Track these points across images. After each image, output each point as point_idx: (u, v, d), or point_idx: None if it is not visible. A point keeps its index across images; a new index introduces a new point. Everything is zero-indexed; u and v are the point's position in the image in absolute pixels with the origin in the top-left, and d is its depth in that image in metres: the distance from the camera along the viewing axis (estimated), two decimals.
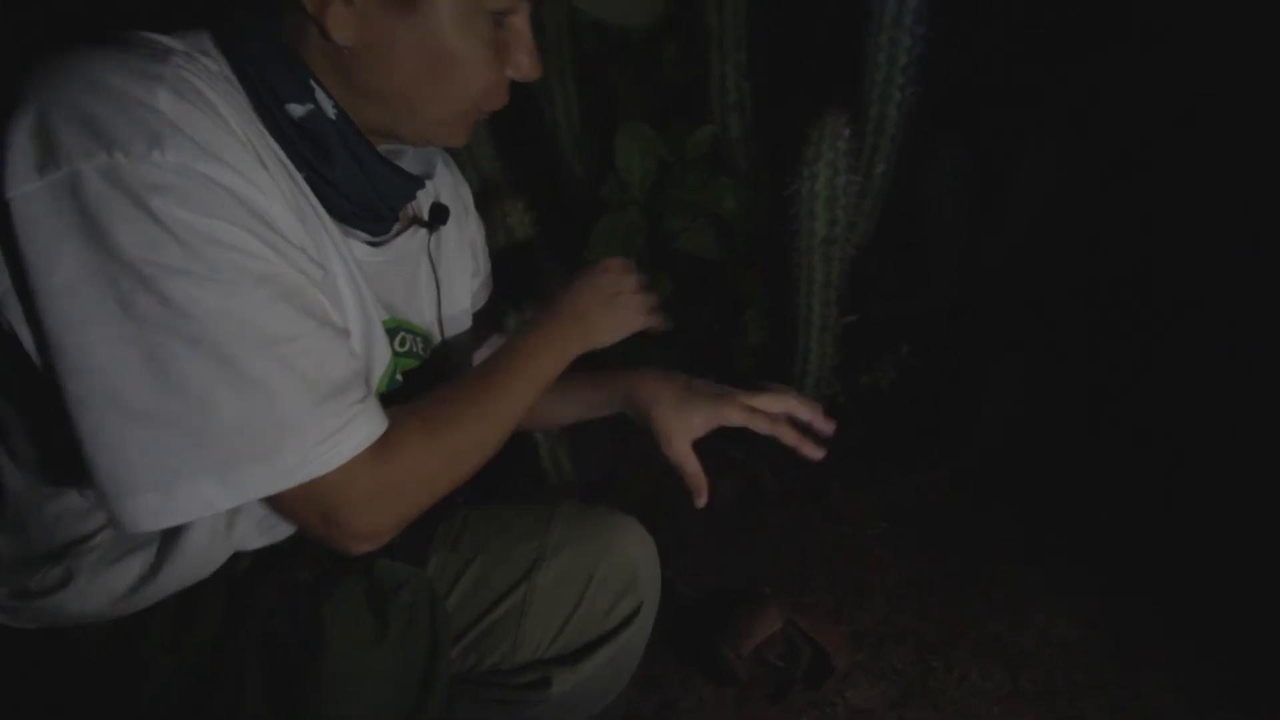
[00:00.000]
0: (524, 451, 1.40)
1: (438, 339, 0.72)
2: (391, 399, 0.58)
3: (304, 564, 0.59)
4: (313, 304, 0.51)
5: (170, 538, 0.56)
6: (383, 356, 0.63)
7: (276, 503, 0.51)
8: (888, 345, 1.49)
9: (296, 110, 0.53)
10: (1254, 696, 1.06)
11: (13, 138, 0.44)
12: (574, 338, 0.69)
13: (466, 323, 0.77)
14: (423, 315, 0.70)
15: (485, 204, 1.16)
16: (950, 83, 1.35)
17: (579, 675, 0.69)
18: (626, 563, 0.72)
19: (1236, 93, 1.49)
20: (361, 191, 0.57)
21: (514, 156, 1.39)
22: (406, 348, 0.67)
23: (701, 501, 0.72)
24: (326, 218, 0.57)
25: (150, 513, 0.46)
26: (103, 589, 0.55)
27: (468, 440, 0.58)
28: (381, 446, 0.53)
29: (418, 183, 0.63)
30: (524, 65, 0.57)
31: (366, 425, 0.51)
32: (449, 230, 0.72)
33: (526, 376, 0.64)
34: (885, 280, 1.51)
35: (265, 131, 0.53)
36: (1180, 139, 1.60)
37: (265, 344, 0.47)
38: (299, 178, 0.55)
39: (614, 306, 0.73)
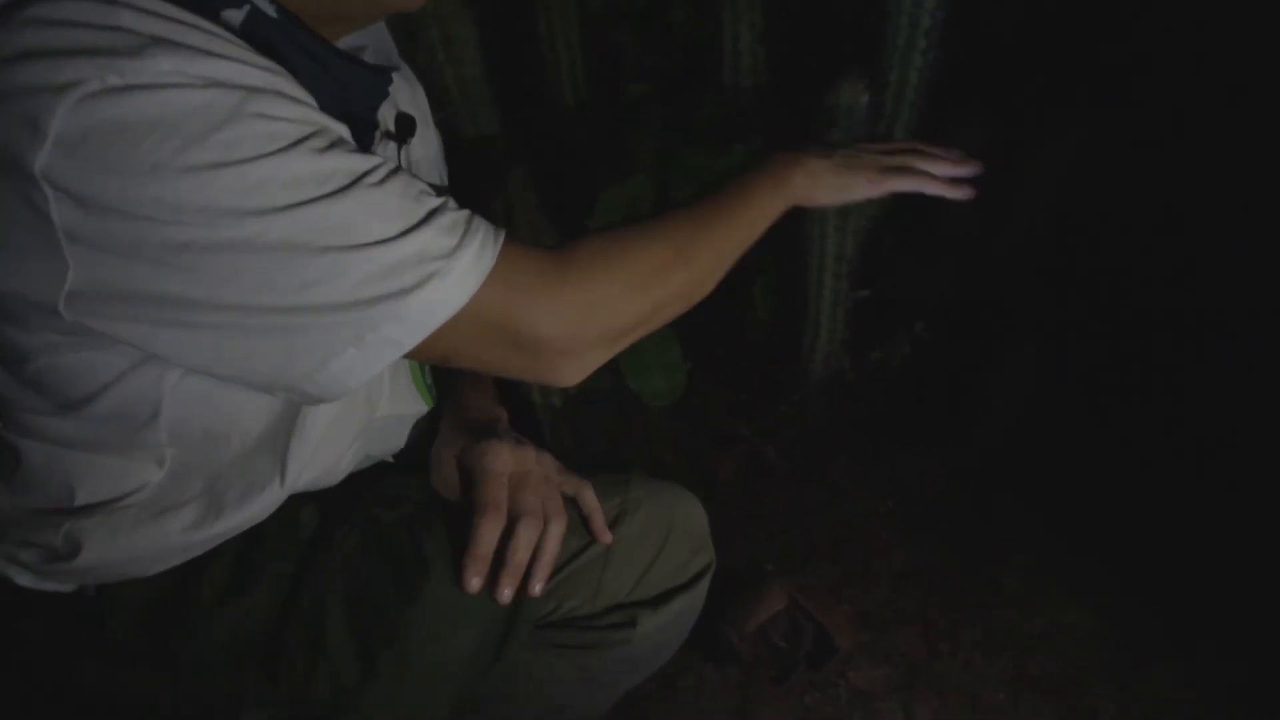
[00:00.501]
0: (527, 431, 1.38)
1: None
2: None
3: (382, 505, 0.59)
4: (360, 147, 0.49)
5: (221, 487, 0.54)
6: None
7: (456, 345, 0.49)
8: (900, 322, 1.45)
9: (234, 16, 0.48)
10: (1268, 690, 1.04)
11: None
12: (798, 181, 0.68)
13: None
14: None
15: (485, 169, 1.13)
16: (974, 49, 1.29)
17: (662, 618, 0.71)
18: (698, 521, 0.75)
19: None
20: (330, 95, 0.52)
21: (517, 122, 1.35)
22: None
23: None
24: None
25: (349, 370, 0.47)
26: (147, 542, 0.54)
27: (665, 258, 0.56)
28: (553, 252, 0.52)
29: (386, 77, 0.59)
30: None
31: (487, 225, 0.50)
32: (416, 144, 0.68)
33: (746, 203, 0.63)
34: (899, 256, 1.46)
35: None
36: (1221, 118, 1.54)
37: (350, 181, 0.45)
38: None
39: (846, 168, 0.71)
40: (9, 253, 0.42)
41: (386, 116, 0.65)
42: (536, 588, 0.59)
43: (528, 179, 1.08)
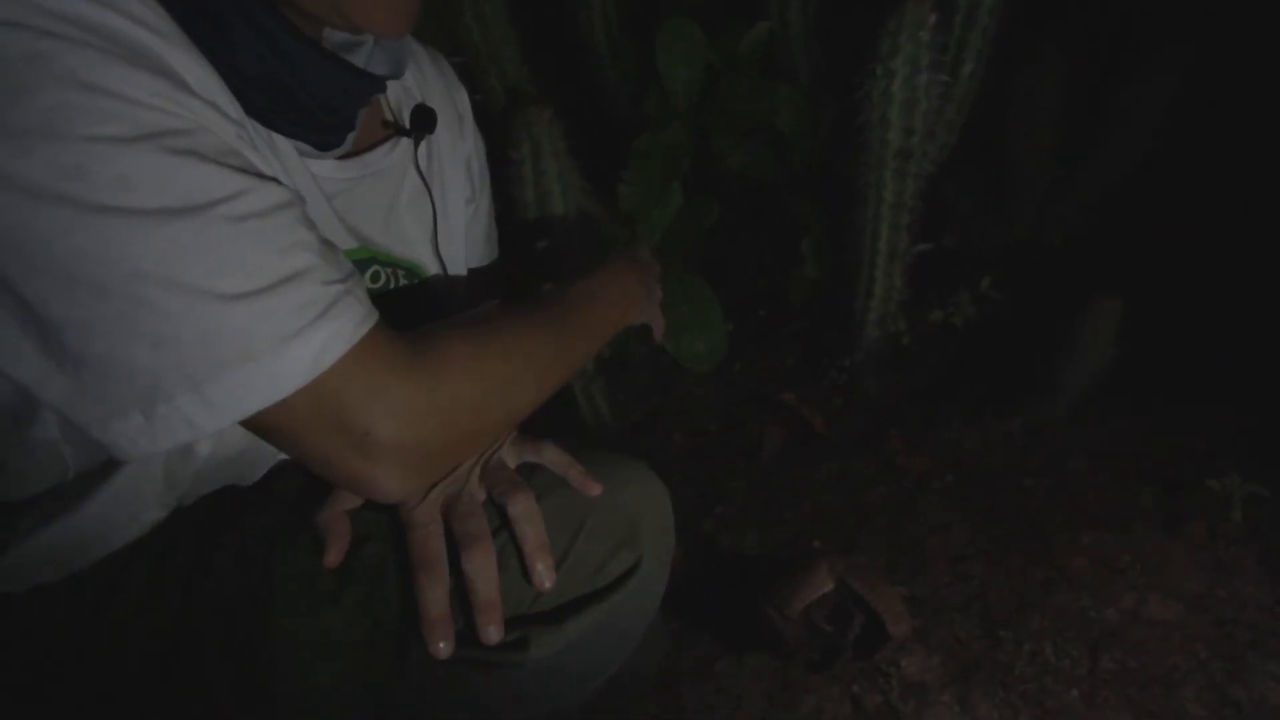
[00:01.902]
0: (556, 398, 1.32)
1: (431, 272, 0.61)
2: None
3: (265, 509, 0.51)
4: (249, 165, 0.41)
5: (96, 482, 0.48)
6: None
7: (286, 432, 0.43)
8: (964, 278, 1.33)
9: None
10: None
11: None
12: (635, 315, 0.65)
13: (463, 257, 0.67)
14: (408, 244, 0.59)
15: (508, 116, 1.04)
16: None
17: (561, 638, 0.58)
18: (626, 510, 0.61)
19: None
20: (276, 80, 0.45)
21: (544, 65, 1.26)
22: (380, 283, 0.57)
23: None
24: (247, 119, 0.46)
25: (134, 439, 0.39)
26: (43, 550, 0.48)
27: (521, 375, 0.50)
28: (414, 346, 0.45)
29: (364, 78, 0.51)
30: None
31: (362, 301, 0.43)
32: (441, 141, 0.61)
33: (598, 330, 0.59)
34: (964, 205, 1.33)
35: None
36: None
37: (188, 208, 0.38)
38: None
39: (653, 297, 0.70)
40: None
41: (401, 107, 0.59)
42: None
43: (554, 121, 0.98)
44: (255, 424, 0.42)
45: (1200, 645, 1.00)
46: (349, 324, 0.41)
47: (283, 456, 0.55)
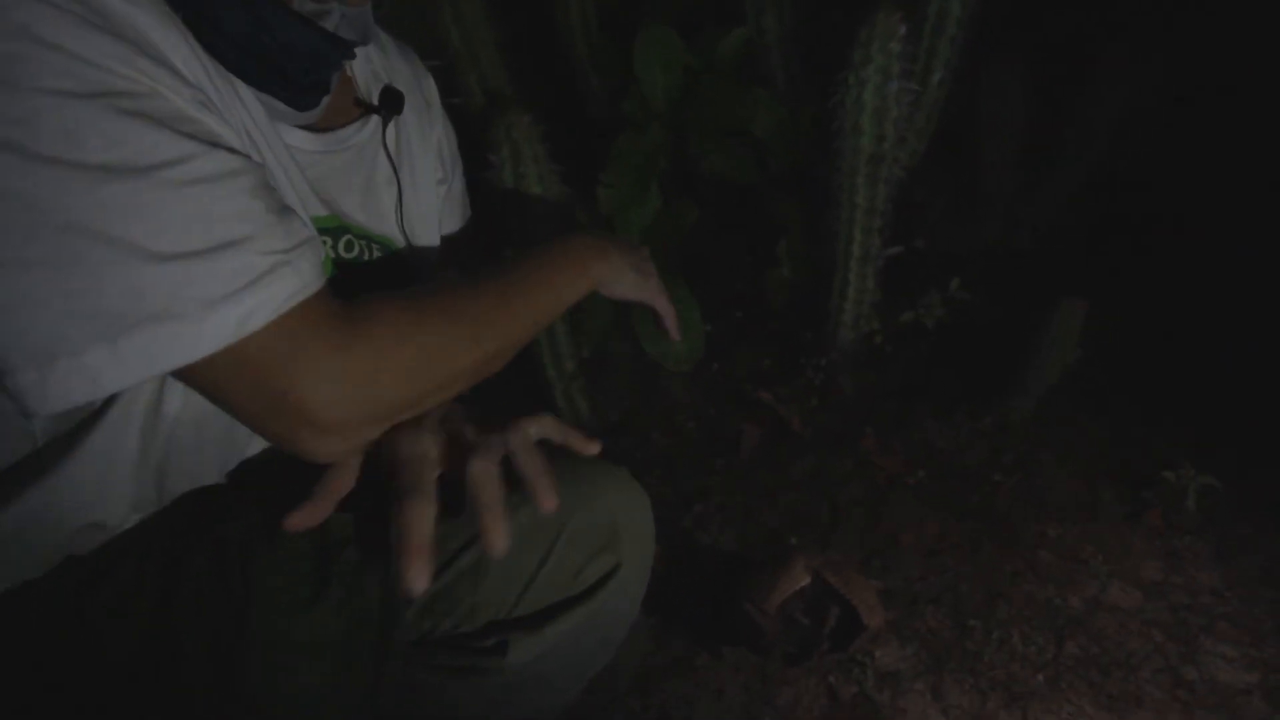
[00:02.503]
0: (535, 390, 1.33)
1: (400, 245, 0.63)
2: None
3: (238, 514, 0.51)
4: (203, 131, 0.41)
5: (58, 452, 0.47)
6: None
7: (209, 386, 0.43)
8: (934, 280, 1.36)
9: None
10: None
11: None
12: (597, 272, 0.62)
13: (432, 237, 0.68)
14: (383, 220, 0.61)
15: (488, 118, 1.05)
16: None
17: (540, 643, 0.60)
18: (605, 517, 0.62)
19: None
20: (253, 39, 0.46)
21: (523, 67, 1.26)
22: (355, 253, 0.58)
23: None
24: (244, 88, 0.48)
25: (35, 391, 0.39)
26: (19, 525, 0.48)
27: (460, 338, 0.50)
28: (347, 314, 0.45)
29: (336, 43, 0.52)
30: None
31: (302, 272, 0.43)
32: (409, 124, 0.63)
33: (548, 289, 0.57)
34: (934, 208, 1.37)
35: None
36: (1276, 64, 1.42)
37: (132, 169, 0.38)
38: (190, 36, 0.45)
39: (639, 271, 0.67)
40: None
41: (371, 90, 0.60)
42: (549, 504, 0.50)
43: (532, 125, 0.99)
44: (181, 377, 0.43)
45: (1157, 630, 1.04)
46: (281, 292, 0.43)
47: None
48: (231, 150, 0.43)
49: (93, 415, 0.47)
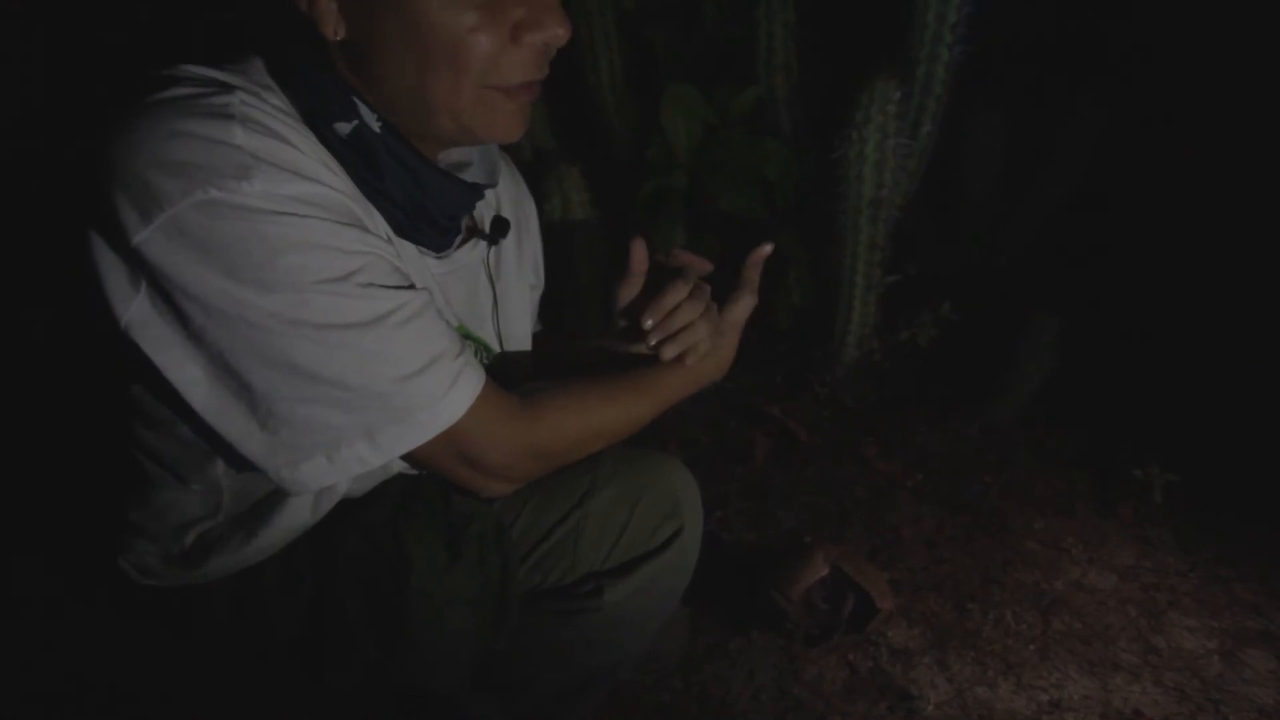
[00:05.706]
0: None
1: (496, 350, 0.76)
2: None
3: (374, 508, 0.65)
4: (404, 279, 0.57)
5: (270, 509, 0.62)
6: None
7: (426, 458, 0.59)
8: (926, 302, 1.51)
9: (343, 128, 0.57)
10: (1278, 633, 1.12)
11: (115, 197, 0.49)
12: (706, 376, 0.77)
13: (525, 337, 0.81)
14: (483, 326, 0.74)
15: (541, 173, 1.19)
16: (996, 40, 1.34)
17: (628, 586, 0.76)
18: (669, 490, 0.78)
19: None
20: (413, 200, 0.61)
21: (560, 122, 1.41)
22: (475, 357, 0.72)
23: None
24: (394, 236, 0.62)
25: (316, 474, 0.55)
26: (224, 553, 0.63)
27: (611, 417, 0.67)
28: (524, 400, 0.62)
29: (474, 191, 0.66)
30: (547, 25, 0.56)
31: (478, 370, 0.59)
32: (508, 244, 0.76)
33: (674, 388, 0.73)
34: (924, 237, 1.52)
35: (327, 152, 0.57)
36: (1232, 100, 1.58)
37: (373, 321, 0.54)
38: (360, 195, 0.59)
39: (723, 335, 0.78)
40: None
41: (484, 219, 0.74)
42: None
43: (581, 178, 1.14)
44: (404, 456, 0.58)
45: (1130, 606, 1.19)
46: (470, 388, 0.58)
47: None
48: (417, 288, 0.58)
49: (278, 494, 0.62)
